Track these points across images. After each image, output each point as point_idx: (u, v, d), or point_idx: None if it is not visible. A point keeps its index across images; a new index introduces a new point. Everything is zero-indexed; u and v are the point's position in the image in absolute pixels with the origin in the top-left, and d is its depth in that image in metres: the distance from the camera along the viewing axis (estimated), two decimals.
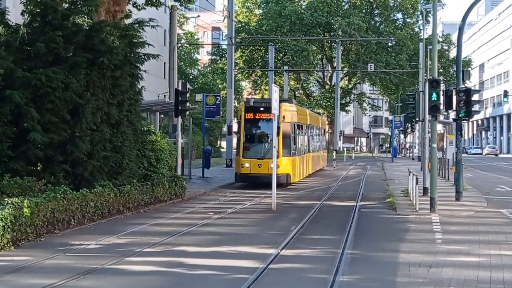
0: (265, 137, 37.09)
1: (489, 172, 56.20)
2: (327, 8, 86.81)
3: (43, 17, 24.79)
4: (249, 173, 35.95)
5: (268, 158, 33.41)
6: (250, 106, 37.21)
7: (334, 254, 16.08)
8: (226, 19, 52.42)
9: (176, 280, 13.58)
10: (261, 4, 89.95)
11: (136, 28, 28.09)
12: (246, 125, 36.78)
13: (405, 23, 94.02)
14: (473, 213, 25.08)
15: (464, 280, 13.07)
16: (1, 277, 13.56)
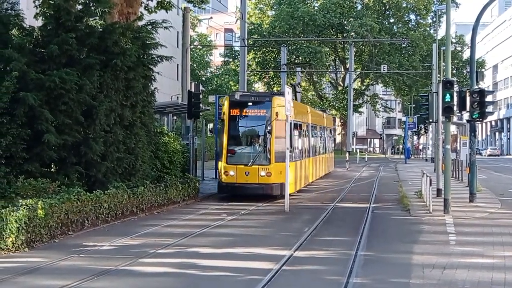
0: (254, 139, 30.36)
1: (503, 173, 56.05)
2: (340, 10, 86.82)
3: (56, 19, 24.85)
4: (234, 183, 28.90)
5: (257, 164, 28.67)
6: (236, 101, 30.07)
7: (348, 256, 16.08)
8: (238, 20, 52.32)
9: (190, 281, 13.62)
10: (273, 6, 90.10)
11: (149, 30, 28.17)
12: (231, 123, 29.66)
13: (418, 24, 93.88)
14: (487, 215, 25.01)
15: (478, 282, 13.04)
16: (16, 278, 13.62)
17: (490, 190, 35.42)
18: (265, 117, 28.87)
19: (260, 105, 28.98)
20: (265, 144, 28.68)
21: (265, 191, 28.27)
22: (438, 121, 29.98)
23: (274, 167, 28.32)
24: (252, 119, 30.11)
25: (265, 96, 32.19)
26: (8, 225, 16.35)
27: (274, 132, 28.77)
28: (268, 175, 27.59)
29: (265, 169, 27.85)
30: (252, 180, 28.34)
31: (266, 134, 28.65)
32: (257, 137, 30.23)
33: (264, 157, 28.58)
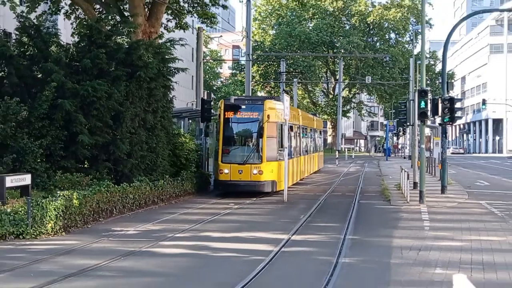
0: (247, 140, 28.82)
1: (470, 169, 55.97)
2: (331, 29, 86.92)
3: (89, 37, 25.01)
4: (229, 180, 27.23)
5: (250, 163, 26.98)
6: (230, 104, 28.29)
7: (337, 239, 16.09)
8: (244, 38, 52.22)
9: (203, 261, 13.63)
10: (274, 26, 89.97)
11: (168, 46, 28.27)
12: (226, 125, 28.01)
13: (397, 42, 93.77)
14: (456, 204, 25.02)
15: (448, 262, 13.06)
16: (54, 258, 13.67)
17: (458, 183, 35.41)
18: (257, 119, 27.47)
19: (253, 108, 27.54)
20: (257, 144, 27.43)
21: (257, 188, 27.01)
22: (415, 125, 29.96)
23: (265, 165, 26.95)
24: (245, 121, 28.45)
25: (257, 100, 30.77)
26: (48, 213, 16.41)
27: (266, 133, 27.31)
28: (260, 173, 26.41)
29: (257, 167, 26.49)
30: (245, 177, 26.89)
31: (258, 135, 27.48)
32: (249, 137, 28.71)
33: (256, 156, 27.20)
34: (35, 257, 13.71)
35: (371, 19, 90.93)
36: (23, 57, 24.44)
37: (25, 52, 24.79)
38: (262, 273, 12.19)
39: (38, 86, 23.17)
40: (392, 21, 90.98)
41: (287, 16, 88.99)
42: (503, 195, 29.47)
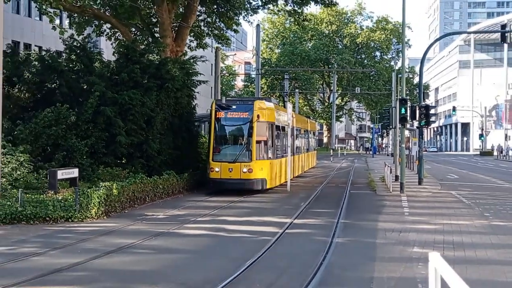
0: (237, 139, 25.61)
1: (442, 164, 55.91)
2: (326, 48, 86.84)
3: (126, 55, 25.16)
4: (219, 178, 24.03)
5: (240, 161, 23.83)
6: (221, 105, 25.13)
7: (332, 223, 16.05)
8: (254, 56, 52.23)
9: (220, 240, 13.63)
10: (279, 46, 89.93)
11: (191, 62, 28.40)
12: (217, 125, 24.85)
13: (381, 59, 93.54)
14: (431, 194, 24.96)
15: (424, 242, 13.04)
16: (97, 238, 13.71)
17: (433, 176, 35.33)
18: (247, 119, 24.17)
19: (243, 108, 24.46)
20: (247, 143, 24.19)
21: (246, 186, 23.67)
22: (396, 127, 29.90)
23: (255, 164, 23.77)
24: (235, 120, 25.00)
25: (248, 100, 27.11)
26: (92, 200, 16.48)
27: (255, 133, 24.03)
28: (250, 171, 23.35)
29: (247, 165, 23.37)
30: (235, 175, 23.64)
31: (248, 135, 24.23)
32: (240, 137, 25.29)
33: (246, 155, 23.95)
34: (81, 237, 13.77)
35: (360, 40, 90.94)
36: (72, 72, 24.59)
37: (73, 68, 24.97)
38: (269, 251, 12.20)
39: (84, 96, 23.32)
40: (377, 41, 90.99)
41: (290, 37, 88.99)
42: (470, 186, 29.39)
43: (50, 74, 24.02)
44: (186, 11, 32.58)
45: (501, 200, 22.81)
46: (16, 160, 19.45)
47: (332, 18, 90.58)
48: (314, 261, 10.99)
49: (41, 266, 10.53)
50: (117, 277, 9.83)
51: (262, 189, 24.41)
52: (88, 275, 9.99)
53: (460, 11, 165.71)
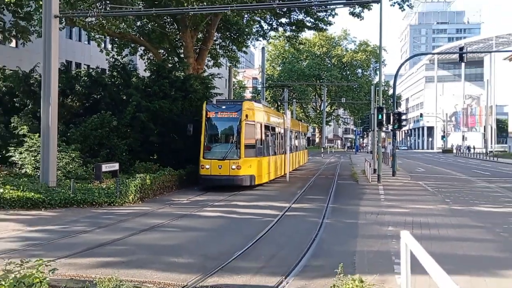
0: (227, 137, 22.68)
1: (412, 160, 55.73)
2: (318, 66, 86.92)
3: (157, 72, 25.24)
4: (209, 175, 21.48)
5: (229, 159, 21.18)
6: (211, 105, 22.66)
7: (322, 207, 16.05)
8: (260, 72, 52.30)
9: (232, 220, 13.64)
10: (280, 64, 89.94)
11: (209, 78, 28.45)
12: (208, 125, 22.18)
13: (363, 75, 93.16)
14: (402, 184, 24.90)
15: (397, 222, 13.00)
16: (134, 218, 13.74)
17: (404, 170, 35.29)
18: (236, 118, 21.48)
19: (232, 108, 21.82)
20: (235, 141, 21.47)
21: (235, 182, 21.15)
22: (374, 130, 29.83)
23: (243, 161, 21.24)
24: (225, 120, 22.18)
25: (237, 101, 24.03)
26: (129, 188, 16.51)
27: (244, 132, 21.41)
28: (238, 168, 20.91)
29: (235, 163, 20.91)
30: (224, 172, 21.08)
31: (236, 133, 21.51)
32: (229, 135, 22.33)
33: (234, 153, 21.30)
34: (121, 218, 13.79)
35: (345, 60, 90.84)
36: (113, 85, 24.69)
37: (114, 82, 25.07)
38: (272, 229, 12.20)
39: (123, 104, 23.38)
40: (359, 61, 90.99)
41: (288, 57, 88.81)
42: (434, 177, 29.30)
43: (96, 87, 24.13)
44: (205, 37, 32.67)
45: (458, 188, 22.74)
46: (69, 156, 19.58)
47: (323, 42, 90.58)
48: (308, 237, 10.99)
49: (89, 241, 10.57)
50: (149, 250, 9.84)
51: (251, 185, 21.57)
52: (126, 249, 10.01)
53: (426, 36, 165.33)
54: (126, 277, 7.68)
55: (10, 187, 15.94)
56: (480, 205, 16.97)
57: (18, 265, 5.71)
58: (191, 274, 8.00)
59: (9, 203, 15.14)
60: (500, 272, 8.30)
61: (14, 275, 5.40)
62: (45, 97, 17.91)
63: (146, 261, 8.90)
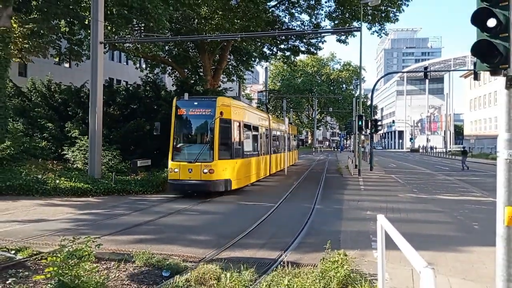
0: (199, 137, 16.92)
1: (386, 158, 55.51)
2: (310, 82, 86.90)
3: (182, 87, 25.07)
4: (178, 180, 15.81)
5: (200, 161, 15.64)
6: (183, 101, 16.80)
7: (313, 195, 15.98)
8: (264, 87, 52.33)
9: (242, 207, 13.64)
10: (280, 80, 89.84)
11: (223, 92, 28.32)
12: (178, 123, 16.76)
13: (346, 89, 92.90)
14: (378, 177, 24.80)
15: (374, 208, 12.93)
16: (162, 204, 13.73)
17: (379, 165, 35.12)
18: (210, 116, 15.98)
19: (205, 105, 16.26)
20: (208, 142, 15.87)
21: (207, 188, 15.45)
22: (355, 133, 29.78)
23: (217, 164, 15.56)
24: (197, 118, 16.45)
25: (211, 97, 17.54)
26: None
27: (218, 131, 15.75)
28: (211, 172, 15.37)
29: (207, 166, 15.43)
30: (195, 177, 15.42)
31: (209, 133, 15.93)
32: (201, 135, 16.62)
33: (207, 155, 15.68)
34: (152, 203, 13.80)
35: (332, 77, 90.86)
36: (147, 97, 24.59)
37: (147, 95, 24.95)
38: (273, 213, 12.17)
39: (154, 113, 23.32)
40: (343, 77, 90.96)
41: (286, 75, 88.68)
42: (404, 172, 29.14)
43: (132, 99, 24.09)
44: (220, 59, 32.71)
45: (424, 180, 22.63)
46: (111, 154, 19.60)
47: (314, 63, 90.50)
48: (302, 219, 10.96)
49: (127, 222, 10.58)
50: (175, 230, 9.85)
51: (226, 191, 15.94)
52: (157, 228, 10.02)
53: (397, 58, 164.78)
54: (157, 251, 7.69)
55: (64, 178, 16.02)
56: (441, 194, 16.89)
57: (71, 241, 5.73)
58: (208, 249, 8.01)
59: (63, 191, 15.20)
60: (457, 248, 8.26)
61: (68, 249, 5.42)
62: (92, 107, 17.99)
63: (173, 238, 8.91)
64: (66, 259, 5.19)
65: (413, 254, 3.51)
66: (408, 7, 30.12)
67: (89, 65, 18.22)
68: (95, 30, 17.65)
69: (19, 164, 17.39)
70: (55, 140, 21.72)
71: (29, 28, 20.98)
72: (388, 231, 4.49)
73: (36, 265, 6.93)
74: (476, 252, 7.95)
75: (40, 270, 6.57)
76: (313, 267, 6.61)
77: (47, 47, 23.20)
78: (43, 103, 23.45)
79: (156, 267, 6.83)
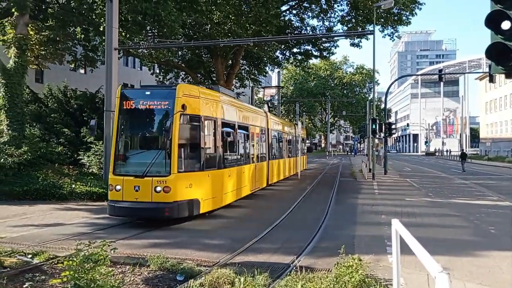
0: (150, 141, 11.46)
1: (400, 161, 55.11)
2: (323, 86, 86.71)
3: None
4: (120, 202, 10.34)
5: (152, 175, 10.36)
6: (130, 91, 11.50)
7: (328, 198, 15.94)
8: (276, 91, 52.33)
9: (258, 211, 13.60)
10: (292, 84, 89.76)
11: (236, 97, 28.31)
12: (122, 121, 11.24)
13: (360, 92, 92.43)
14: (393, 180, 24.62)
15: (389, 212, 12.84)
16: None
17: (394, 169, 34.86)
18: (167, 111, 11.01)
19: (161, 95, 11.17)
20: (163, 148, 10.67)
21: (161, 214, 10.41)
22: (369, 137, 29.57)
23: (176, 178, 10.46)
24: (150, 113, 11.26)
25: (170, 86, 12.41)
26: None
27: (177, 131, 10.61)
28: (166, 190, 10.32)
29: (161, 182, 10.37)
30: (144, 197, 10.39)
31: (165, 134, 10.40)
32: (154, 139, 11.53)
33: (161, 166, 10.60)
34: None
35: (345, 80, 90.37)
36: None
37: None
38: (288, 216, 12.17)
39: None
40: (356, 81, 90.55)
41: (299, 79, 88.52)
42: (419, 175, 28.92)
43: None
44: (232, 64, 32.80)
45: (439, 184, 22.41)
46: None
47: (327, 66, 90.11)
48: (316, 223, 10.92)
49: (141, 226, 10.61)
50: (189, 234, 9.89)
51: (189, 215, 10.85)
52: (171, 233, 10.06)
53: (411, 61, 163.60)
54: (171, 255, 7.73)
55: (80, 183, 16.18)
56: (457, 198, 16.71)
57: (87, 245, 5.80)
58: (222, 253, 8.02)
59: (79, 196, 15.37)
60: (473, 252, 8.15)
61: (83, 253, 5.49)
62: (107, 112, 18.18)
63: (187, 242, 8.94)
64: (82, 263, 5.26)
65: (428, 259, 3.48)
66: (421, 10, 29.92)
67: (104, 71, 18.41)
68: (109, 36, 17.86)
69: (35, 169, 17.64)
70: (71, 145, 21.99)
71: (46, 35, 21.34)
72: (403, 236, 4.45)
73: (52, 269, 7.02)
74: (493, 256, 7.83)
75: (57, 274, 6.65)
76: (327, 272, 6.57)
77: (63, 53, 23.53)
78: (59, 109, 23.77)
79: (170, 271, 6.87)
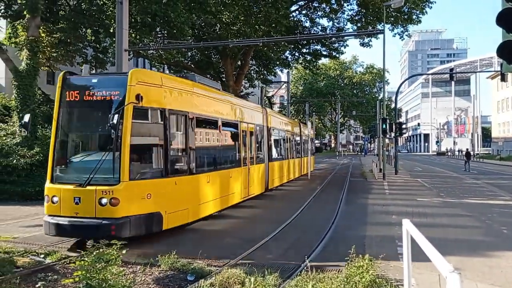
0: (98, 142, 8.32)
1: (411, 161, 54.78)
2: (333, 85, 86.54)
3: None
4: (58, 217, 7.56)
5: (96, 184, 7.49)
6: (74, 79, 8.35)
7: (338, 198, 15.90)
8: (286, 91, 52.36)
9: (267, 211, 13.58)
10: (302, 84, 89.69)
11: (246, 96, 28.43)
12: (64, 115, 8.21)
13: (370, 92, 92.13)
14: (403, 180, 24.49)
15: (399, 212, 12.79)
16: None
17: (404, 169, 34.69)
18: (116, 102, 7.91)
19: (111, 83, 8.22)
20: (111, 148, 7.52)
21: (106, 232, 7.27)
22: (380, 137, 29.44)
23: (127, 188, 7.69)
24: (97, 106, 8.06)
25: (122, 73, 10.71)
26: None
27: (130, 128, 7.80)
28: (114, 203, 7.47)
29: (108, 192, 7.51)
30: (85, 212, 7.50)
31: (116, 132, 7.33)
32: (102, 137, 8.21)
33: (108, 171, 7.68)
34: None
35: (355, 80, 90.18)
36: None
37: None
38: (299, 216, 12.19)
39: None
40: (366, 81, 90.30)
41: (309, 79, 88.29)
42: (430, 175, 28.73)
43: None
44: (242, 64, 32.84)
45: (451, 184, 22.25)
46: None
47: (337, 66, 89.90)
48: (326, 224, 10.91)
49: None
50: (199, 234, 9.94)
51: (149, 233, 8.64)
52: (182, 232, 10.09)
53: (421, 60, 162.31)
54: (181, 254, 7.77)
55: None
56: (469, 198, 16.58)
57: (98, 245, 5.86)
58: (232, 253, 8.03)
59: None
60: (485, 252, 8.09)
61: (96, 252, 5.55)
62: None
63: (197, 242, 8.98)
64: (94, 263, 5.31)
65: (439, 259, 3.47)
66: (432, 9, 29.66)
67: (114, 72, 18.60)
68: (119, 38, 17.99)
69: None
70: None
71: (57, 37, 21.56)
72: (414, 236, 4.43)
73: (64, 268, 7.10)
74: (505, 257, 7.76)
75: (69, 273, 6.73)
76: (338, 272, 6.57)
77: (74, 55, 23.76)
78: None
79: (181, 271, 6.91)
